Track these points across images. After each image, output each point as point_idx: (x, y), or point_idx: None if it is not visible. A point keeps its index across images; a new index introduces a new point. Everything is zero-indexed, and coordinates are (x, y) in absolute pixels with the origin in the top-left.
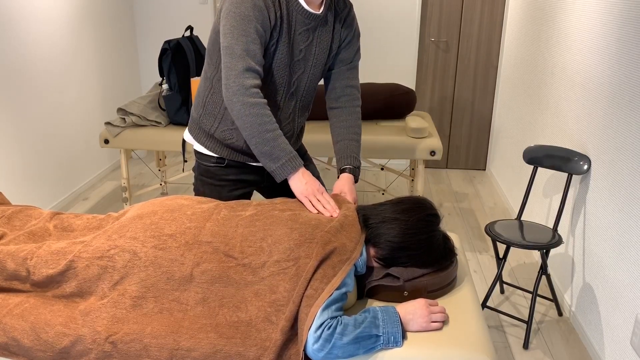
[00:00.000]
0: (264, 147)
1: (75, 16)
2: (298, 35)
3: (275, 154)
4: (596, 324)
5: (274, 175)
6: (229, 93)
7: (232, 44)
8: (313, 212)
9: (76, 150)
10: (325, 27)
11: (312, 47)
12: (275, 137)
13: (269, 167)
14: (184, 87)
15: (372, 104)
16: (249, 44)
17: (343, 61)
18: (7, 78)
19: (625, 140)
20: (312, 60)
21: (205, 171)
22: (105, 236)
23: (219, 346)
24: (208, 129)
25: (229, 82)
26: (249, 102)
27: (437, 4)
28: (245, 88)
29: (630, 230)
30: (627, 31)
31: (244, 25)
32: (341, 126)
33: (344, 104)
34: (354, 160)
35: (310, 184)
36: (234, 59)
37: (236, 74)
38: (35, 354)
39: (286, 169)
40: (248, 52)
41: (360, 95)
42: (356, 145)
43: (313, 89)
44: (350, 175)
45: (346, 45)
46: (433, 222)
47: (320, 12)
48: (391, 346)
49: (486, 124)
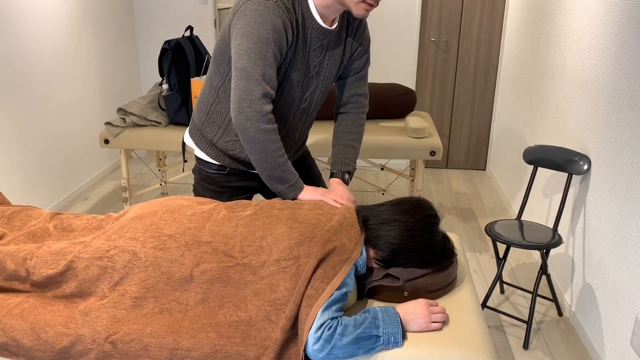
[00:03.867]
0: (274, 171)
1: (75, 16)
2: (312, 52)
3: (285, 177)
4: (596, 324)
5: (280, 195)
6: (241, 117)
7: (248, 67)
8: (338, 207)
9: (76, 150)
10: (337, 41)
11: (324, 62)
12: (285, 162)
13: (275, 188)
14: (184, 87)
15: (372, 104)
16: (266, 68)
17: (353, 70)
18: (7, 78)
19: (625, 140)
20: (324, 74)
21: (206, 177)
22: (105, 237)
23: (219, 346)
24: (211, 138)
25: (243, 105)
26: (264, 129)
27: (437, 4)
28: (261, 115)
29: (630, 230)
30: (627, 31)
31: (262, 48)
32: (342, 131)
33: (350, 109)
34: (345, 165)
35: (319, 189)
36: (250, 84)
37: (252, 100)
38: (35, 354)
39: (294, 188)
40: (264, 77)
41: (367, 101)
42: (352, 151)
43: (322, 101)
44: (339, 179)
45: (357, 55)
46: (433, 222)
47: (334, 28)
48: (391, 346)
49: (486, 124)
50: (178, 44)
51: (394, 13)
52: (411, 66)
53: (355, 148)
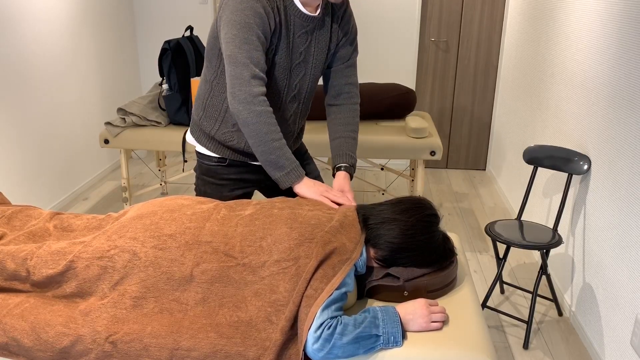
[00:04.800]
0: (270, 155)
1: (75, 16)
2: (297, 39)
3: (281, 163)
4: (596, 324)
5: (278, 183)
6: (235, 101)
7: (235, 53)
8: (334, 207)
9: (76, 150)
10: (322, 28)
11: (310, 49)
12: (281, 146)
13: (273, 174)
14: (184, 87)
15: (372, 104)
16: (251, 51)
17: (341, 59)
18: (7, 78)
19: (625, 140)
20: (312, 61)
21: (206, 170)
22: (105, 236)
23: (219, 346)
24: (209, 131)
25: (234, 90)
26: (256, 111)
27: (437, 4)
28: (252, 96)
29: (630, 230)
30: (627, 31)
31: (245, 33)
32: (338, 123)
33: (343, 101)
34: (350, 158)
35: (318, 185)
36: (239, 68)
37: (242, 82)
38: (35, 354)
39: (291, 176)
40: (252, 60)
41: (358, 92)
42: (352, 142)
43: (314, 89)
44: (347, 173)
45: (344, 43)
46: (433, 222)
47: (317, 14)
48: (391, 346)
49: (486, 124)
50: (178, 44)
51: (394, 13)
52: (411, 66)
53: (355, 139)
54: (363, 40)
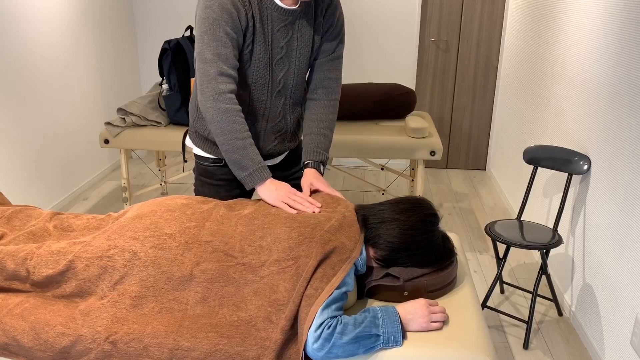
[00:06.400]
0: (233, 154)
1: (75, 16)
2: (276, 33)
3: (244, 163)
4: (596, 324)
5: (243, 183)
6: (202, 98)
7: (202, 50)
8: (292, 212)
9: (76, 150)
10: (305, 20)
11: (293, 42)
12: (245, 145)
13: (237, 175)
14: (184, 87)
15: (372, 104)
16: (219, 48)
17: (325, 52)
18: (7, 78)
19: (625, 140)
20: (295, 55)
21: (204, 171)
22: (105, 236)
23: (219, 346)
24: (202, 132)
25: (202, 87)
26: (221, 109)
27: (437, 4)
28: (218, 93)
29: (630, 230)
30: (627, 31)
31: (213, 30)
32: (312, 119)
33: (320, 96)
34: (318, 154)
35: (281, 189)
36: (206, 65)
37: (209, 79)
38: (35, 354)
39: (253, 178)
40: (219, 57)
41: (339, 87)
42: (323, 139)
43: (302, 83)
44: (314, 170)
45: (328, 35)
46: (432, 222)
47: (297, 7)
48: (391, 346)
49: (486, 124)
50: (178, 44)
51: (394, 13)
52: (411, 66)
53: (327, 137)
54: (363, 40)
